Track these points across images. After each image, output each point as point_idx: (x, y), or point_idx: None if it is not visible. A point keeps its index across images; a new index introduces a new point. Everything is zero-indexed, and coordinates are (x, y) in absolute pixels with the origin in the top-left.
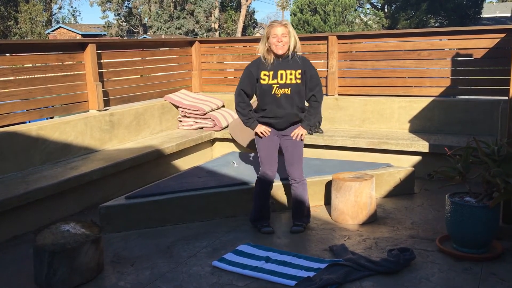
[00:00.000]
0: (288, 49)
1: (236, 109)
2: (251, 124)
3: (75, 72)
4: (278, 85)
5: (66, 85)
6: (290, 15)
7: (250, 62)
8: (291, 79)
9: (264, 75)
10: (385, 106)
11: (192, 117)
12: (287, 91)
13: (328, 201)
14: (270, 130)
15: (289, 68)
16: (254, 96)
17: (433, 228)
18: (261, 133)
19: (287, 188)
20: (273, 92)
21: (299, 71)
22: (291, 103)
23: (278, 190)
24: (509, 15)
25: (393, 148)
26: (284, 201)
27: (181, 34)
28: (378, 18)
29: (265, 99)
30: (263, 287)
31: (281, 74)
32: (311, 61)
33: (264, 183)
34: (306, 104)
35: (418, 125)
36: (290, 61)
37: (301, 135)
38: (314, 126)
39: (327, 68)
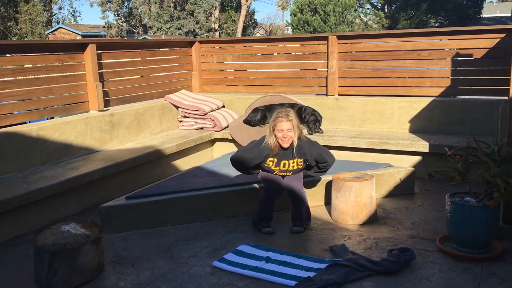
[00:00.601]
0: (293, 142)
1: (238, 170)
2: (254, 174)
3: (75, 73)
4: (279, 171)
5: (66, 85)
6: (290, 15)
7: (256, 143)
8: (293, 167)
9: (269, 161)
10: (385, 106)
11: (192, 117)
12: (289, 173)
13: (328, 201)
14: None
15: (292, 158)
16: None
17: (433, 228)
18: None
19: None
20: (275, 173)
21: (301, 159)
22: None
23: None
24: (509, 15)
25: (393, 148)
26: (285, 202)
27: (181, 35)
28: (378, 18)
29: (267, 172)
30: (263, 287)
31: (284, 164)
32: (312, 59)
33: (272, 193)
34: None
35: (418, 125)
36: (294, 152)
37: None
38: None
39: (327, 68)
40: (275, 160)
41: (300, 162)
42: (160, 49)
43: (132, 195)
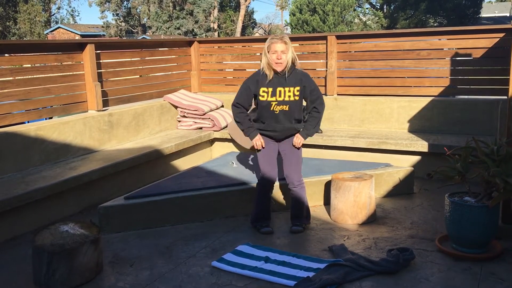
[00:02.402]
0: (287, 66)
1: (235, 120)
2: (250, 134)
3: (74, 72)
4: (276, 102)
5: (65, 85)
6: (289, 15)
7: (249, 76)
8: (289, 96)
9: (263, 91)
10: (384, 106)
11: (191, 117)
12: (286, 107)
13: (327, 201)
14: (264, 142)
15: (288, 85)
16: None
17: (433, 228)
18: (257, 144)
19: (287, 187)
20: (271, 109)
21: (298, 88)
22: (289, 118)
23: (277, 190)
24: (508, 14)
25: (393, 148)
26: (284, 201)
27: (180, 34)
28: (377, 18)
29: (263, 113)
30: (262, 287)
31: (280, 92)
32: (311, 59)
33: (265, 187)
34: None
35: (417, 125)
36: (289, 78)
37: (299, 142)
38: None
39: (326, 68)
40: (270, 89)
41: (297, 91)
42: (159, 49)
43: (130, 195)
